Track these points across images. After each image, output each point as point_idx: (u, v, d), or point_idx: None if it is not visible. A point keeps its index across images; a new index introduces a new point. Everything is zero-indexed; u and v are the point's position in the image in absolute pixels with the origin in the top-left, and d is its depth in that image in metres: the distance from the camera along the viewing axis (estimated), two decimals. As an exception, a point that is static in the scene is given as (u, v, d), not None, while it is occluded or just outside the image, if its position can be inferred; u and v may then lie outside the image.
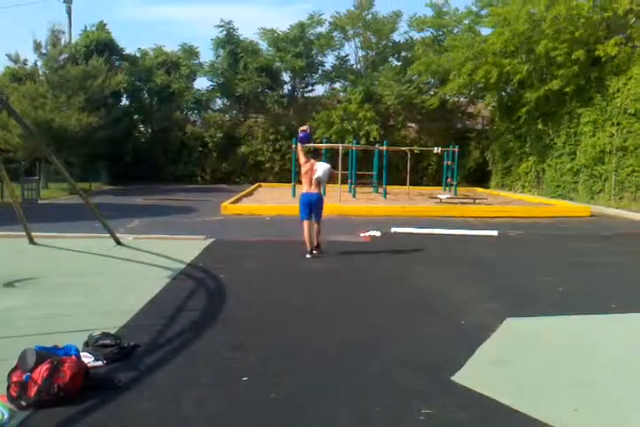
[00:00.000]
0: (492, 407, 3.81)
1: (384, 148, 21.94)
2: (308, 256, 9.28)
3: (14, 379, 3.76)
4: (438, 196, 20.17)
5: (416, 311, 6.19)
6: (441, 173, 26.31)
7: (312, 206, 9.42)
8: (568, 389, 4.14)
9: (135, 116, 31.60)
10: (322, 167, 9.58)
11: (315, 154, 10.31)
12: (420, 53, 27.90)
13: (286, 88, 32.82)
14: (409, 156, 22.63)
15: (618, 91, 18.95)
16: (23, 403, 3.65)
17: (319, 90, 33.12)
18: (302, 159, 9.70)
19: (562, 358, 4.80)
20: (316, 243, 9.53)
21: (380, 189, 21.87)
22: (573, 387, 4.18)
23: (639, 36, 18.94)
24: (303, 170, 9.57)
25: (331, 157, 22.26)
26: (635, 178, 18.38)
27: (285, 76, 32.55)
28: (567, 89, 20.78)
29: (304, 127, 9.88)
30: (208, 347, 4.87)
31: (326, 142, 23.24)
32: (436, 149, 23.39)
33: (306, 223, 9.39)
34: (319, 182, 9.53)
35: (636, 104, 17.96)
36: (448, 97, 28.41)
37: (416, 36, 31.01)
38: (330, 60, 32.38)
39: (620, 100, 18.71)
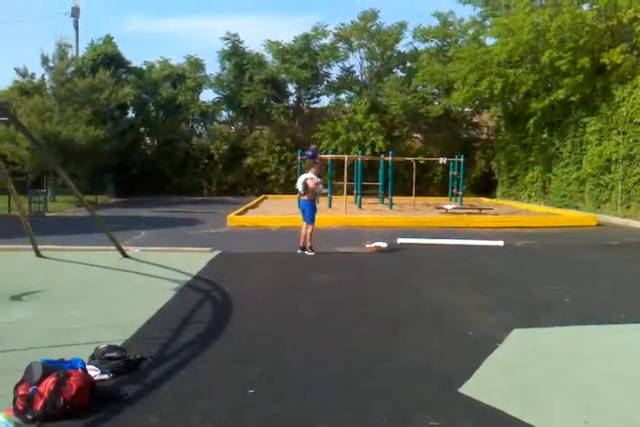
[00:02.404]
0: (500, 419, 3.78)
1: (389, 158, 21.94)
2: (298, 251, 10.84)
3: (20, 392, 3.75)
4: (444, 206, 20.14)
5: (423, 322, 6.16)
6: (447, 183, 26.29)
7: (302, 211, 11.39)
8: (578, 400, 4.10)
9: (141, 129, 31.78)
10: (299, 179, 11.56)
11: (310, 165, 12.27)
12: (425, 64, 28.00)
13: (292, 99, 32.99)
14: (414, 166, 22.64)
15: (623, 100, 18.93)
16: (29, 416, 3.64)
17: (324, 101, 33.25)
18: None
19: (571, 369, 4.77)
20: (300, 243, 10.93)
21: (386, 200, 21.85)
22: (583, 398, 4.14)
23: (644, 45, 18.96)
24: None
25: (336, 167, 22.33)
26: (641, 187, 18.31)
27: (291, 88, 32.75)
28: (573, 98, 20.78)
29: (312, 147, 11.99)
30: (214, 360, 4.86)
31: (332, 153, 23.28)
32: (441, 159, 23.40)
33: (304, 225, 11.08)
34: (299, 192, 11.52)
35: (641, 113, 17.93)
36: (453, 107, 28.48)
37: (421, 46, 31.19)
38: (335, 72, 32.53)
39: (626, 109, 18.67)
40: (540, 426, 3.65)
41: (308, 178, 11.27)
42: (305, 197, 11.22)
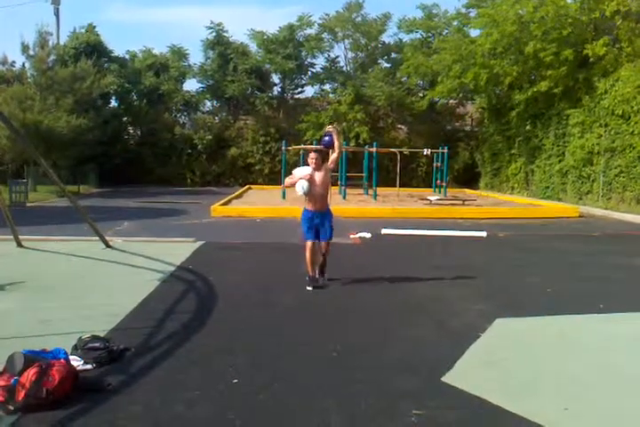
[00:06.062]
0: (482, 408, 3.81)
1: (374, 149, 21.96)
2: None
3: (1, 383, 3.71)
4: (428, 197, 20.22)
5: (406, 313, 6.19)
6: (430, 174, 26.39)
7: None
8: (558, 388, 4.15)
9: (124, 119, 31.48)
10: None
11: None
12: (410, 55, 27.98)
13: (276, 90, 32.85)
14: (399, 157, 22.68)
15: (606, 92, 19.07)
16: (11, 407, 3.61)
17: (309, 91, 33.21)
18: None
19: (551, 358, 4.82)
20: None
21: (370, 191, 21.88)
22: (563, 387, 4.20)
23: (626, 38, 19.08)
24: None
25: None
26: (622, 179, 18.51)
27: (275, 78, 32.61)
28: (556, 90, 20.90)
29: (328, 129, 8.13)
30: (198, 350, 4.85)
31: (316, 144, 23.24)
32: (425, 150, 23.46)
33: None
34: None
35: (623, 105, 18.08)
36: (437, 99, 28.53)
37: (405, 37, 31.19)
38: (319, 62, 32.53)
39: (608, 102, 18.82)
40: (521, 414, 3.69)
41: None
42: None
